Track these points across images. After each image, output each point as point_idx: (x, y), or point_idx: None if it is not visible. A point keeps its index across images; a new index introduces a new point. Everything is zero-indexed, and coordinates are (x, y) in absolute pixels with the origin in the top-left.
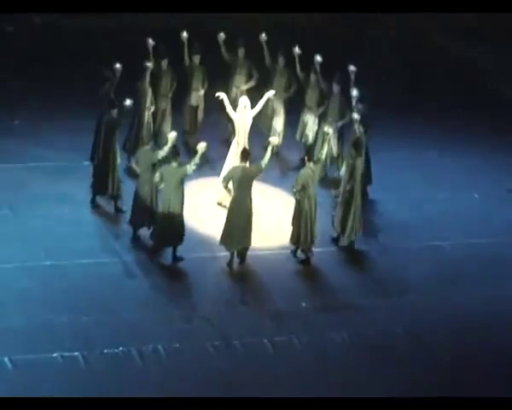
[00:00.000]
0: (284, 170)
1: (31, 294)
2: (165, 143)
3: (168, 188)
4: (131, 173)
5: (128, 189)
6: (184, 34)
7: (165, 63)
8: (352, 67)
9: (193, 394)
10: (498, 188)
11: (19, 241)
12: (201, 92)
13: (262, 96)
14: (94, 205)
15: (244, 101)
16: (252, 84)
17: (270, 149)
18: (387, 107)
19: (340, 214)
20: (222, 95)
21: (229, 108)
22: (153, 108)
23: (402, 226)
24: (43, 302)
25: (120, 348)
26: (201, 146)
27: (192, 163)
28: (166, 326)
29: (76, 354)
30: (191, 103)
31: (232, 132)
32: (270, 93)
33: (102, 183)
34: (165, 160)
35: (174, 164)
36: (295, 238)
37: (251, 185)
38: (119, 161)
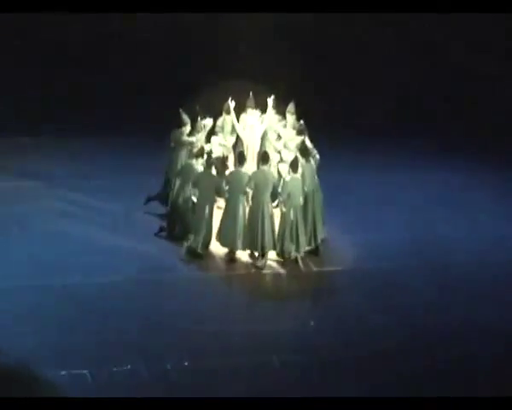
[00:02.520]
0: None
1: (40, 312)
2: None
3: (235, 192)
4: None
5: None
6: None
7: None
8: (270, 99)
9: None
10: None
11: (29, 259)
12: None
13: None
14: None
15: (252, 120)
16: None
17: None
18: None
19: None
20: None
21: (237, 126)
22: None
23: (408, 245)
24: (53, 321)
25: (129, 367)
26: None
27: None
28: (172, 344)
29: (84, 371)
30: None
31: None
32: (271, 100)
33: (174, 227)
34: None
35: (242, 169)
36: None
37: (271, 188)
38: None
